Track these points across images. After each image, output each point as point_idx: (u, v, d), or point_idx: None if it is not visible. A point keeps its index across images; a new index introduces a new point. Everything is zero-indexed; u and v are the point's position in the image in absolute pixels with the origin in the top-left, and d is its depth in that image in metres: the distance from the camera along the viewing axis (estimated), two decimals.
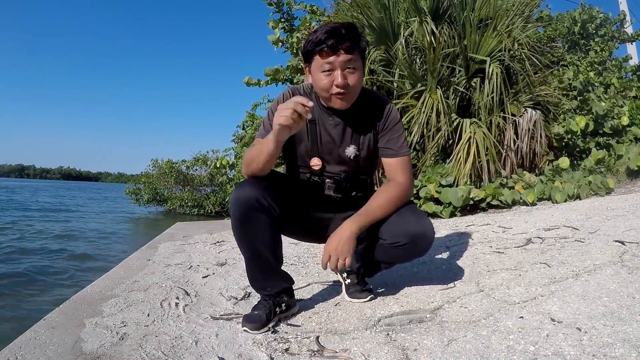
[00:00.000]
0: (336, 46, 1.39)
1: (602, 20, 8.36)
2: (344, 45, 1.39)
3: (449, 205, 3.97)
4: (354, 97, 1.49)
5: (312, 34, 1.45)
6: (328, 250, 1.44)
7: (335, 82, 1.42)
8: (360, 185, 1.65)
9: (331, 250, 1.43)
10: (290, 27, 6.03)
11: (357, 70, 1.45)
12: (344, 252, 1.42)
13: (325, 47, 1.39)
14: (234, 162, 6.90)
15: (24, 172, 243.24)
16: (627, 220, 2.44)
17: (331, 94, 1.45)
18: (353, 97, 1.49)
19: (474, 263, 2.03)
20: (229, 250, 3.05)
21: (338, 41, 1.38)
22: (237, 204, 1.39)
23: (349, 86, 1.44)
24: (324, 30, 1.40)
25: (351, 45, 1.41)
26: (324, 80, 1.44)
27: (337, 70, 1.42)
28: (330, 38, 1.38)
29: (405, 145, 1.57)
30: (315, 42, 1.41)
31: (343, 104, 1.47)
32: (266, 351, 1.27)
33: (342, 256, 1.42)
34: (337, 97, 1.45)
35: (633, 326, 1.15)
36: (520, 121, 4.42)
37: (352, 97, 1.48)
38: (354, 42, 1.42)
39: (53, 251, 6.01)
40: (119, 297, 1.85)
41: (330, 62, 1.41)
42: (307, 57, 1.48)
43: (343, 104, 1.48)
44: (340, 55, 1.40)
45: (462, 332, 1.27)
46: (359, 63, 1.45)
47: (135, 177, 16.46)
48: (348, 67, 1.42)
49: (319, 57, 1.42)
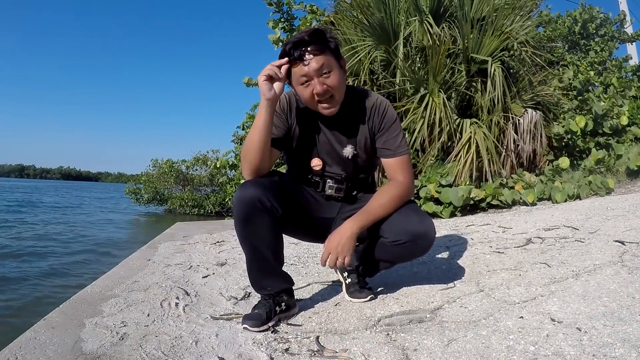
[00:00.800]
0: (302, 55, 1.38)
1: (602, 20, 8.36)
2: (311, 52, 1.38)
3: (449, 205, 3.97)
4: (340, 99, 1.47)
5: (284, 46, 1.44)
6: (328, 248, 1.44)
7: (315, 90, 1.41)
8: (361, 185, 1.66)
9: (331, 248, 1.43)
10: (290, 27, 6.03)
11: (334, 71, 1.42)
12: (344, 250, 1.42)
13: (294, 59, 1.39)
14: (234, 163, 6.90)
15: (24, 172, 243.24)
16: (627, 220, 2.44)
17: (316, 104, 1.44)
18: (338, 100, 1.46)
19: (474, 263, 2.03)
20: (229, 250, 3.05)
21: (305, 49, 1.37)
22: (240, 203, 1.39)
23: (329, 90, 1.42)
24: (288, 42, 1.41)
25: (318, 48, 1.38)
26: (304, 94, 1.43)
27: (313, 79, 1.40)
28: (296, 49, 1.38)
29: (404, 145, 1.56)
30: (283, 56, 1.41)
31: (330, 110, 1.46)
32: (266, 351, 1.27)
33: (342, 255, 1.42)
34: (322, 106, 1.45)
35: (633, 326, 1.15)
36: (520, 121, 4.42)
37: (337, 101, 1.46)
38: (319, 44, 1.39)
39: (58, 249, 6.03)
40: (119, 297, 1.85)
41: (304, 73, 1.40)
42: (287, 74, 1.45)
43: (330, 111, 1.46)
44: (311, 62, 1.38)
45: (462, 332, 1.27)
46: (332, 64, 1.42)
47: (135, 177, 16.46)
48: (324, 72, 1.40)
49: (293, 70, 1.42)
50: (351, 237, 1.43)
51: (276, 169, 1.61)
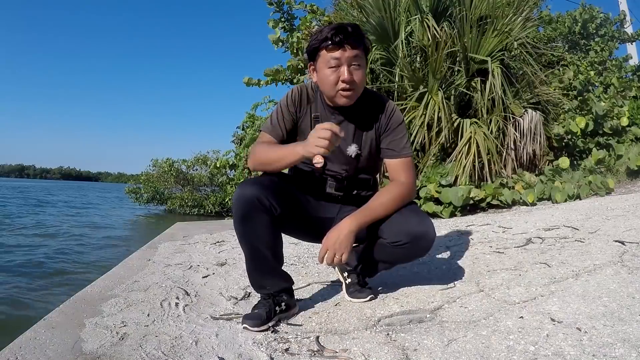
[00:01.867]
0: (343, 42, 1.42)
1: (602, 20, 8.35)
2: (350, 41, 1.42)
3: (449, 205, 3.97)
4: (358, 95, 1.51)
5: (318, 32, 1.48)
6: (326, 244, 1.44)
7: (342, 77, 1.44)
8: (362, 185, 1.66)
9: (329, 245, 1.44)
10: (290, 26, 6.04)
11: (362, 67, 1.48)
12: (342, 247, 1.42)
13: (332, 43, 1.42)
14: (234, 163, 6.90)
15: (24, 172, 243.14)
16: (627, 220, 2.44)
17: (337, 91, 1.47)
18: (357, 94, 1.51)
19: (474, 263, 2.03)
20: (229, 250, 3.04)
21: (345, 37, 1.42)
22: (239, 202, 1.40)
23: (355, 82, 1.46)
24: (331, 27, 1.44)
25: (357, 41, 1.44)
26: (330, 77, 1.45)
27: (343, 66, 1.44)
28: (338, 34, 1.42)
29: (408, 147, 1.58)
30: (321, 39, 1.45)
31: (348, 100, 1.49)
32: (266, 351, 1.27)
33: (340, 252, 1.42)
34: (342, 93, 1.47)
35: (633, 326, 1.15)
36: (520, 121, 4.42)
37: (356, 94, 1.50)
38: (359, 39, 1.45)
39: (56, 248, 6.04)
40: (119, 297, 1.85)
41: (337, 57, 1.43)
42: (312, 55, 1.50)
43: (348, 101, 1.49)
44: (346, 50, 1.43)
45: (462, 332, 1.27)
46: (363, 61, 1.48)
47: (135, 177, 16.44)
48: (354, 63, 1.45)
49: (325, 52, 1.45)
50: (349, 235, 1.43)
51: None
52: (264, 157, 1.50)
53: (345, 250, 1.43)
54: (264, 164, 1.51)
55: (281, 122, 1.55)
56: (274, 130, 1.55)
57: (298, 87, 1.62)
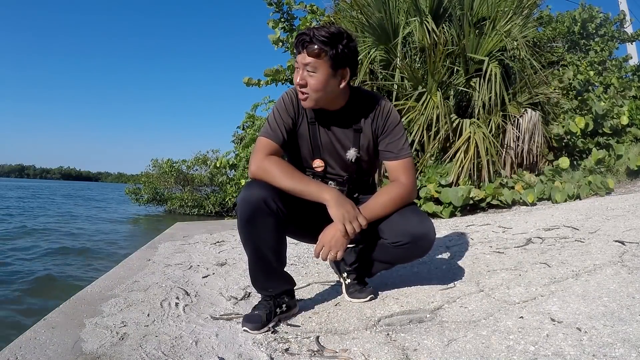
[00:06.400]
0: (298, 46, 1.43)
1: (602, 20, 8.34)
2: (306, 47, 1.41)
3: (449, 205, 3.97)
4: (316, 101, 1.47)
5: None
6: (322, 241, 1.43)
7: (294, 78, 1.46)
8: (363, 187, 1.65)
9: (325, 241, 1.43)
10: (290, 26, 6.03)
11: (318, 74, 1.42)
12: (337, 244, 1.41)
13: (295, 47, 1.45)
14: (234, 163, 6.90)
15: (24, 172, 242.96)
16: (627, 220, 2.44)
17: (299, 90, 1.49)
18: (312, 99, 1.46)
19: (474, 263, 2.03)
20: (229, 250, 3.04)
21: (301, 42, 1.42)
22: (245, 204, 1.37)
23: (306, 87, 1.44)
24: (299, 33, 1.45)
25: (314, 49, 1.40)
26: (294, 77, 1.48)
27: (298, 70, 1.45)
28: (299, 37, 1.43)
29: (407, 147, 1.57)
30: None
31: (303, 102, 1.49)
32: (266, 351, 1.27)
33: (335, 249, 1.41)
34: (299, 94, 1.48)
35: (633, 326, 1.15)
36: (520, 121, 4.42)
37: (311, 99, 1.46)
38: (319, 46, 1.39)
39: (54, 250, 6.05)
40: (119, 297, 1.85)
41: (297, 61, 1.45)
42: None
43: (303, 103, 1.49)
44: (301, 54, 1.43)
45: (462, 332, 1.27)
46: (322, 68, 1.41)
47: (135, 177, 16.43)
48: (307, 69, 1.42)
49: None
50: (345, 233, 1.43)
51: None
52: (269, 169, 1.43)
53: (340, 248, 1.42)
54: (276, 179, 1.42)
55: (281, 126, 1.51)
56: (275, 135, 1.50)
57: (292, 90, 1.59)
